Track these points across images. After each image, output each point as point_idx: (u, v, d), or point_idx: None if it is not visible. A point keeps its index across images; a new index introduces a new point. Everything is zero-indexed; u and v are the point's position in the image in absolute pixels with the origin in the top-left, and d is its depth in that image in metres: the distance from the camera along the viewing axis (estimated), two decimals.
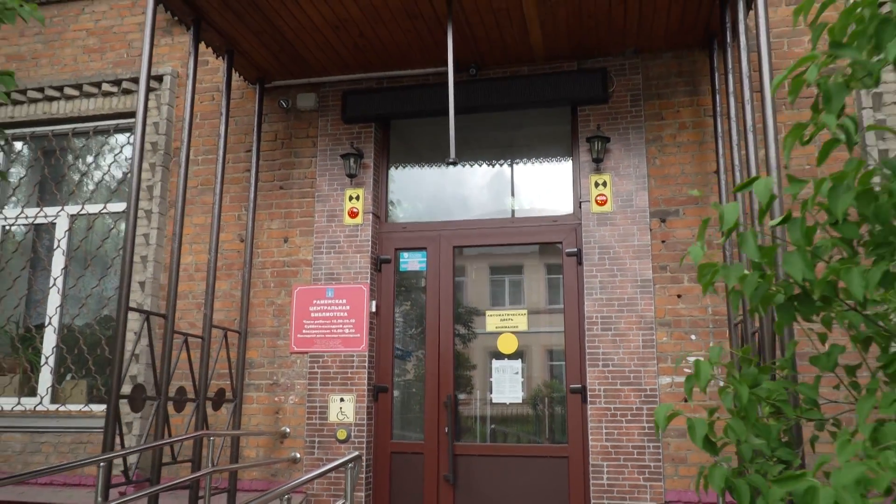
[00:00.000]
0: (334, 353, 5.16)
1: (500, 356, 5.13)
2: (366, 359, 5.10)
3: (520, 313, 5.17)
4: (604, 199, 4.93)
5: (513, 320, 5.15)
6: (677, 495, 4.44)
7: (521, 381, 5.09)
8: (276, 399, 5.20)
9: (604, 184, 4.95)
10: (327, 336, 5.19)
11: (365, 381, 5.07)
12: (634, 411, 4.61)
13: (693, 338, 4.64)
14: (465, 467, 4.95)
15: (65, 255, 5.91)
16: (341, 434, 4.99)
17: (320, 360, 5.18)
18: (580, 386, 4.83)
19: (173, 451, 4.37)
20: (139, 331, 4.45)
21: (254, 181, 5.34)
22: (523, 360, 5.12)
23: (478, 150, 5.56)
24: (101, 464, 3.36)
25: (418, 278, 5.42)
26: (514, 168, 5.49)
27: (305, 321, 5.26)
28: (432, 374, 5.11)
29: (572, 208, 5.20)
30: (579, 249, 5.01)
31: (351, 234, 5.32)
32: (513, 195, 5.46)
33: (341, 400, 5.06)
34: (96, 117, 6.04)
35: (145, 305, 5.38)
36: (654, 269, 4.77)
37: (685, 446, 4.50)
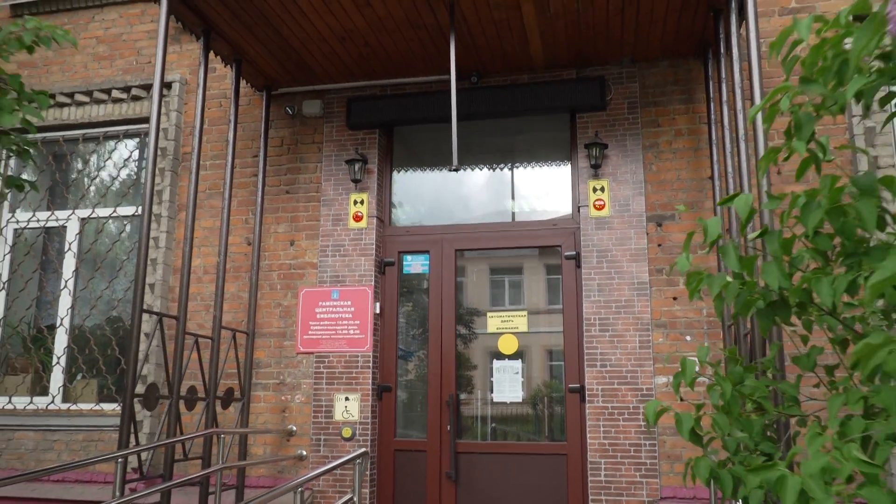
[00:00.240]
0: (339, 354, 5.30)
1: (500, 356, 5.27)
2: (370, 359, 5.24)
3: (520, 315, 5.31)
4: (602, 203, 5.07)
5: (513, 321, 5.29)
6: (672, 491, 4.58)
7: (521, 381, 5.22)
8: (283, 398, 5.34)
9: (602, 189, 5.09)
10: (333, 337, 5.33)
11: (369, 381, 5.21)
12: (631, 410, 4.75)
13: (688, 339, 4.78)
14: (466, 465, 5.09)
15: (76, 258, 6.05)
16: (346, 432, 5.13)
17: (326, 360, 5.32)
18: (578, 385, 4.97)
19: (185, 448, 4.51)
20: (152, 332, 4.58)
21: (261, 186, 5.49)
22: (523, 361, 5.26)
23: (479, 155, 5.70)
24: (119, 460, 3.50)
25: (421, 280, 5.56)
26: (515, 172, 5.63)
27: (311, 322, 5.40)
28: (435, 374, 5.25)
29: (571, 212, 5.34)
30: (578, 253, 5.15)
31: (355, 238, 5.46)
32: (513, 198, 5.60)
33: (346, 399, 5.20)
34: (106, 123, 6.19)
35: (155, 307, 5.52)
36: (651, 272, 4.91)
37: (680, 444, 4.64)
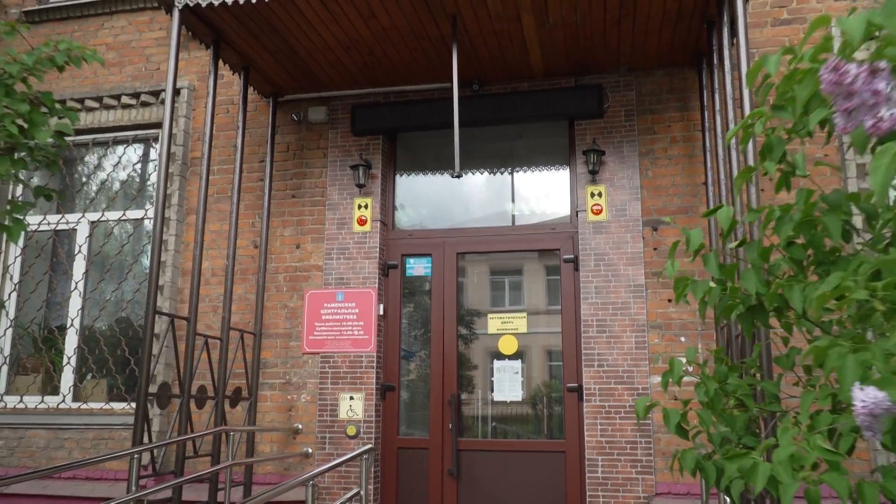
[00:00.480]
0: (344, 354, 5.45)
1: (500, 357, 5.42)
2: (374, 359, 5.39)
3: (520, 316, 5.46)
4: (599, 208, 5.22)
5: (513, 323, 5.44)
6: (667, 487, 4.73)
7: (521, 381, 5.37)
8: (289, 397, 5.49)
9: (599, 194, 5.24)
10: (337, 337, 5.48)
11: (373, 381, 5.36)
12: (627, 409, 4.89)
13: (683, 339, 4.93)
14: (467, 462, 5.24)
15: (86, 260, 6.20)
16: (351, 430, 5.27)
17: (331, 360, 5.47)
18: (576, 385, 5.12)
19: (195, 445, 4.66)
20: (163, 333, 4.73)
21: (267, 190, 5.64)
22: (523, 361, 5.41)
23: (480, 160, 5.85)
24: (136, 456, 3.64)
25: (423, 283, 5.71)
26: (515, 177, 5.79)
27: (317, 323, 5.55)
28: (437, 374, 5.40)
29: (569, 217, 5.49)
30: (576, 256, 5.30)
31: (360, 241, 5.61)
32: (513, 202, 5.75)
33: (351, 398, 5.35)
34: (115, 128, 6.34)
35: (164, 308, 5.66)
36: (647, 275, 5.06)
37: (675, 441, 4.78)
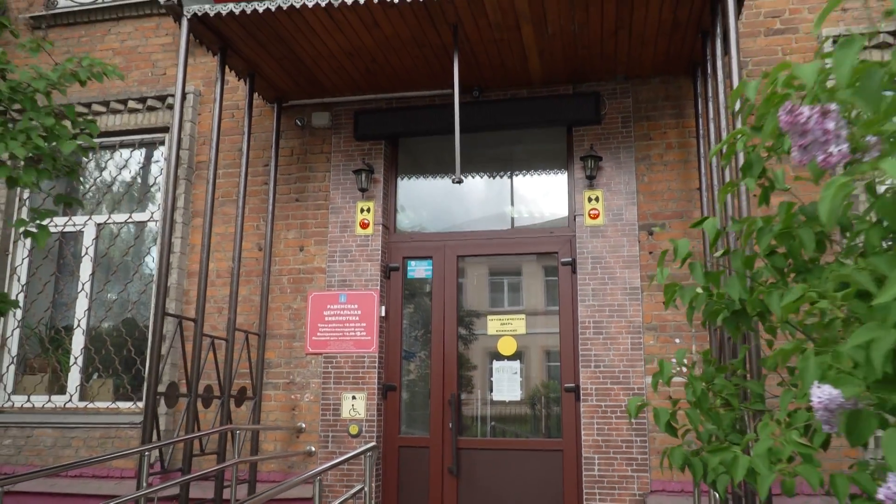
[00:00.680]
0: (346, 355, 5.57)
1: (499, 357, 5.54)
2: (376, 359, 5.51)
3: (518, 317, 5.58)
4: (596, 213, 5.35)
5: (512, 324, 5.56)
6: (662, 485, 4.85)
7: (520, 381, 5.50)
8: (293, 397, 5.61)
9: (596, 199, 5.37)
10: (340, 338, 5.60)
11: (375, 381, 5.48)
12: (623, 408, 5.01)
13: (677, 341, 5.05)
14: (467, 460, 5.36)
15: (92, 262, 6.31)
16: (353, 429, 5.39)
17: (334, 360, 5.58)
18: (574, 385, 5.24)
19: (202, 443, 4.78)
20: (171, 333, 4.84)
21: (272, 194, 5.75)
22: (521, 361, 5.53)
23: (480, 165, 5.97)
24: (146, 454, 3.76)
25: (424, 285, 5.83)
26: (514, 181, 5.91)
27: (320, 324, 5.67)
28: (437, 374, 5.52)
29: (567, 220, 5.61)
30: (573, 259, 5.42)
31: (362, 244, 5.73)
32: (512, 205, 5.87)
33: (353, 398, 5.47)
34: (122, 132, 6.45)
35: (170, 310, 5.77)
36: (642, 277, 5.18)
37: (669, 441, 4.87)
